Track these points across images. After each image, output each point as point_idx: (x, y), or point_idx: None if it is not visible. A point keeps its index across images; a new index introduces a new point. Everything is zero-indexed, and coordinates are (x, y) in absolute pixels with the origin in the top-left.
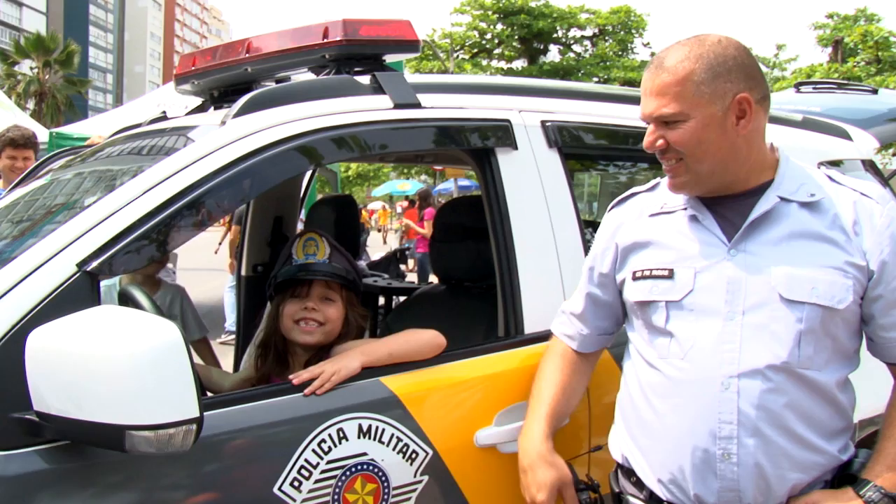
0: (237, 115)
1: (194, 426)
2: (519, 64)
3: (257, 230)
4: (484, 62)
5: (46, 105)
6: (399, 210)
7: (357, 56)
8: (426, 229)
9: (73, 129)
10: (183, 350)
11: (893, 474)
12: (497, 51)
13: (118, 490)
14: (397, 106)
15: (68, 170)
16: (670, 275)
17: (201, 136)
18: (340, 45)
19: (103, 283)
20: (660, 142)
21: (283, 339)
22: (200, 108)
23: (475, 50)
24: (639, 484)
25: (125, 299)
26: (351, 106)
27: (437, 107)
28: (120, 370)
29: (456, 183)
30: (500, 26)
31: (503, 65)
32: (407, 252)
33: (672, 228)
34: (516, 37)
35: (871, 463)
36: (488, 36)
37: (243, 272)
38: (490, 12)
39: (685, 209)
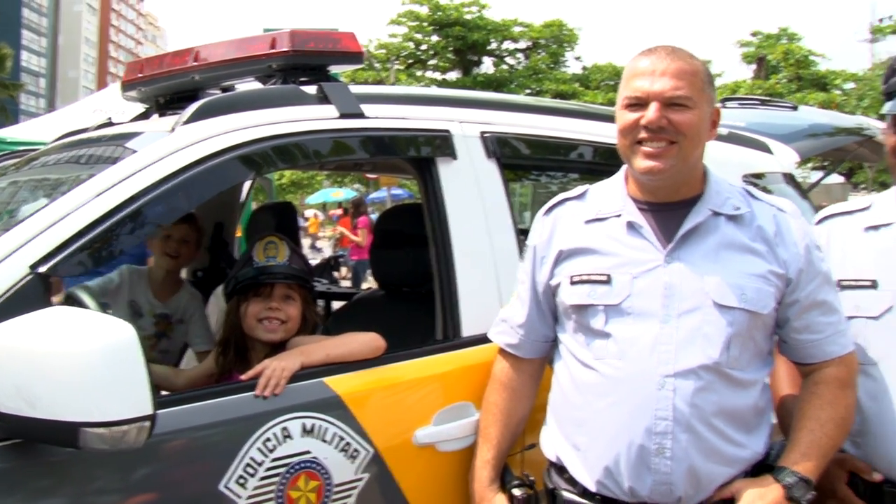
0: (187, 122)
1: (148, 423)
2: (453, 75)
3: None
4: (419, 73)
5: None
6: (335, 218)
7: (303, 66)
8: (360, 237)
9: (6, 133)
10: (137, 348)
11: (807, 460)
12: (432, 62)
13: (69, 486)
14: (342, 115)
15: (18, 173)
16: (608, 280)
17: (151, 142)
18: (287, 55)
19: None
20: (664, 120)
21: (243, 335)
22: (143, 116)
23: (410, 60)
24: (571, 480)
25: (71, 302)
26: (298, 115)
27: (380, 117)
28: (74, 367)
29: (389, 192)
30: (435, 38)
31: (437, 76)
32: (341, 260)
33: (608, 235)
34: (451, 48)
35: (786, 452)
36: (423, 47)
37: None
38: (425, 24)
39: (619, 216)
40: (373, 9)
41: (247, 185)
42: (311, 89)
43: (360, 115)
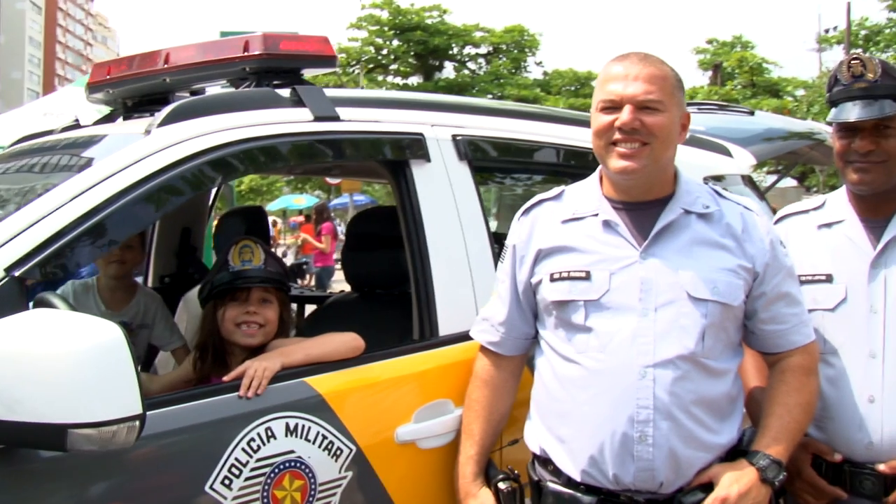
0: (162, 124)
1: (137, 422)
2: (414, 80)
3: (165, 241)
4: (380, 77)
5: None
6: (292, 225)
7: (276, 70)
8: (324, 244)
9: None
10: (125, 348)
11: (777, 444)
12: (393, 66)
13: (50, 492)
14: (317, 119)
15: None
16: (587, 276)
17: (126, 145)
18: (261, 58)
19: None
20: (637, 122)
21: (221, 340)
22: (108, 118)
23: (371, 65)
24: (556, 472)
25: (42, 307)
26: (274, 118)
27: (354, 120)
28: (62, 368)
29: (351, 198)
30: (396, 42)
31: (399, 80)
32: (304, 267)
33: (585, 233)
34: (412, 53)
35: (758, 437)
36: (384, 52)
37: (150, 283)
38: (386, 28)
39: (596, 215)
40: (332, 13)
41: (213, 190)
42: (285, 92)
43: (335, 119)
